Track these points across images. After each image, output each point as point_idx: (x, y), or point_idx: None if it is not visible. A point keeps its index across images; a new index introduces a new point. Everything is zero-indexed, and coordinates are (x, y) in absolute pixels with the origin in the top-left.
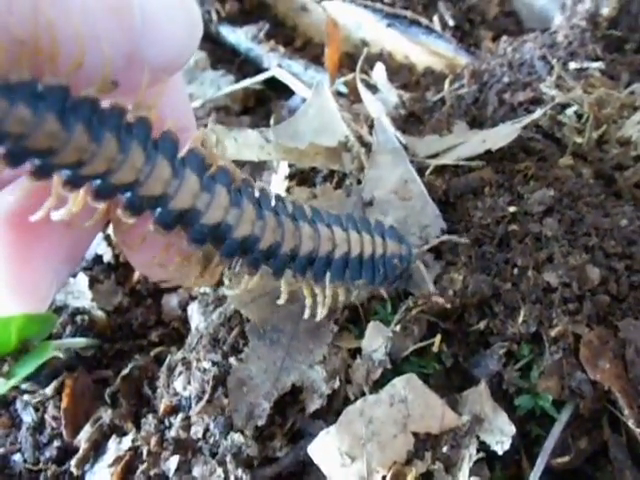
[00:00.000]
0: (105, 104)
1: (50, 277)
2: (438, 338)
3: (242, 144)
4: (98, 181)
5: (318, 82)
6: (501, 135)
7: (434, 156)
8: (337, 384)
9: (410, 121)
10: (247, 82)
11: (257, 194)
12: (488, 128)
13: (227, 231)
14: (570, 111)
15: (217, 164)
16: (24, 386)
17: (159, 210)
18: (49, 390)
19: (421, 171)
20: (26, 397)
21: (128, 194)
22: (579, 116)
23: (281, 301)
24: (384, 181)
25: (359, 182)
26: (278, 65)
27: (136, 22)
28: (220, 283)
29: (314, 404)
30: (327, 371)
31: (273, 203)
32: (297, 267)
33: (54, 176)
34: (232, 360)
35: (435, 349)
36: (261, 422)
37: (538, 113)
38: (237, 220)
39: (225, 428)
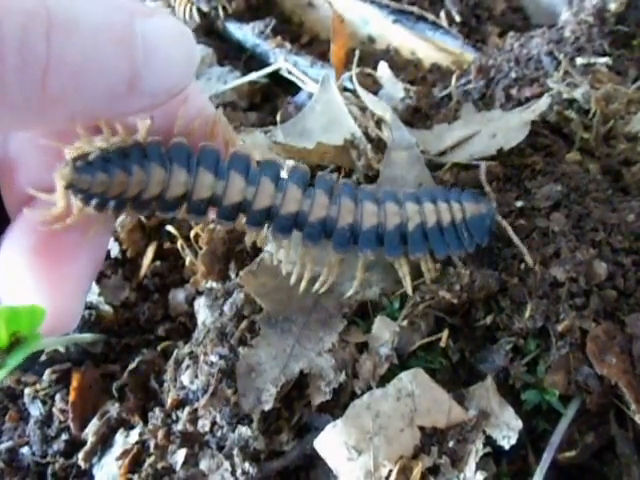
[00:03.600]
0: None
1: (81, 297)
2: (446, 333)
3: (250, 145)
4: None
5: (324, 76)
6: (512, 129)
7: (445, 152)
8: (343, 377)
9: (416, 117)
10: (253, 76)
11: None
12: (496, 121)
13: (304, 218)
14: (577, 106)
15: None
16: (26, 378)
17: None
18: (57, 384)
19: (430, 168)
20: (34, 391)
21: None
22: (586, 112)
23: (351, 291)
24: (399, 182)
25: (366, 177)
26: (284, 61)
27: (138, 52)
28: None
29: (321, 393)
30: (336, 359)
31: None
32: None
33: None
34: (240, 350)
35: (442, 344)
36: (268, 407)
37: (545, 102)
38: (310, 208)
39: (232, 419)
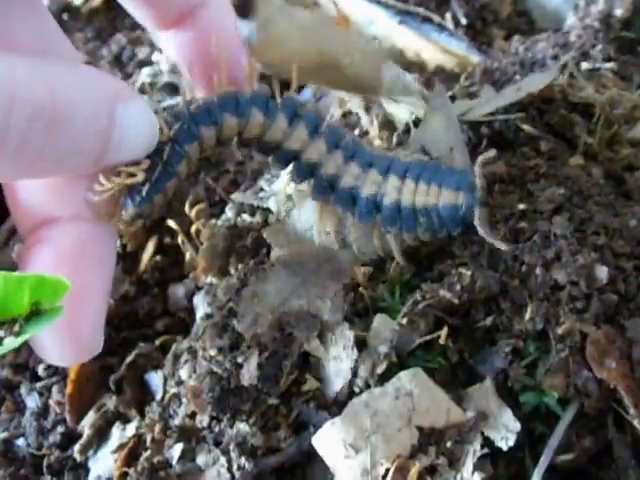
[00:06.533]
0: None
1: (102, 321)
2: (444, 331)
3: (296, 26)
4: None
5: None
6: (535, 81)
7: (466, 113)
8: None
9: None
10: None
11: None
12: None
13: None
14: (581, 110)
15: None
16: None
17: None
18: (54, 376)
19: None
20: (31, 382)
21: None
22: (590, 116)
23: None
24: (429, 146)
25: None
26: None
27: (114, 139)
28: None
29: (313, 334)
30: (334, 304)
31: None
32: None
33: None
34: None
35: (442, 341)
36: (261, 330)
37: (567, 58)
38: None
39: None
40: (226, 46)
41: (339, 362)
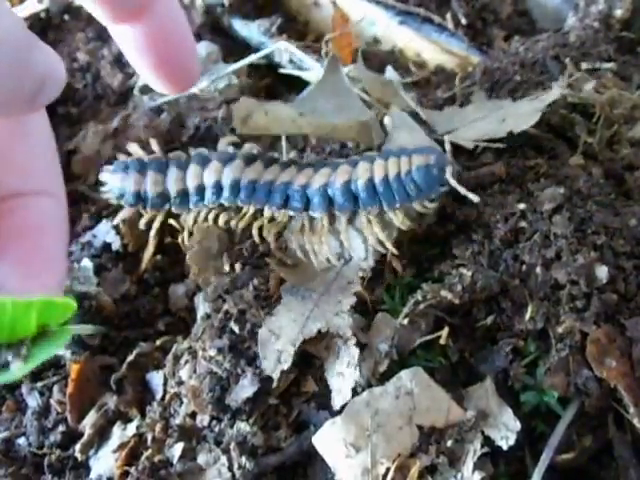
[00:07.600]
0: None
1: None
2: (446, 331)
3: (273, 118)
4: None
5: (331, 58)
6: (522, 115)
7: (452, 131)
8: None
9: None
10: (252, 58)
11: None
12: (506, 108)
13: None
14: (581, 110)
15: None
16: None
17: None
18: (55, 375)
19: None
20: (32, 382)
21: None
22: (590, 116)
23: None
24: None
25: None
26: (290, 61)
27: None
28: None
29: (342, 351)
30: (354, 319)
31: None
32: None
33: None
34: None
35: (442, 341)
36: (287, 365)
37: (556, 92)
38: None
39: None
40: (180, 38)
41: (341, 380)
